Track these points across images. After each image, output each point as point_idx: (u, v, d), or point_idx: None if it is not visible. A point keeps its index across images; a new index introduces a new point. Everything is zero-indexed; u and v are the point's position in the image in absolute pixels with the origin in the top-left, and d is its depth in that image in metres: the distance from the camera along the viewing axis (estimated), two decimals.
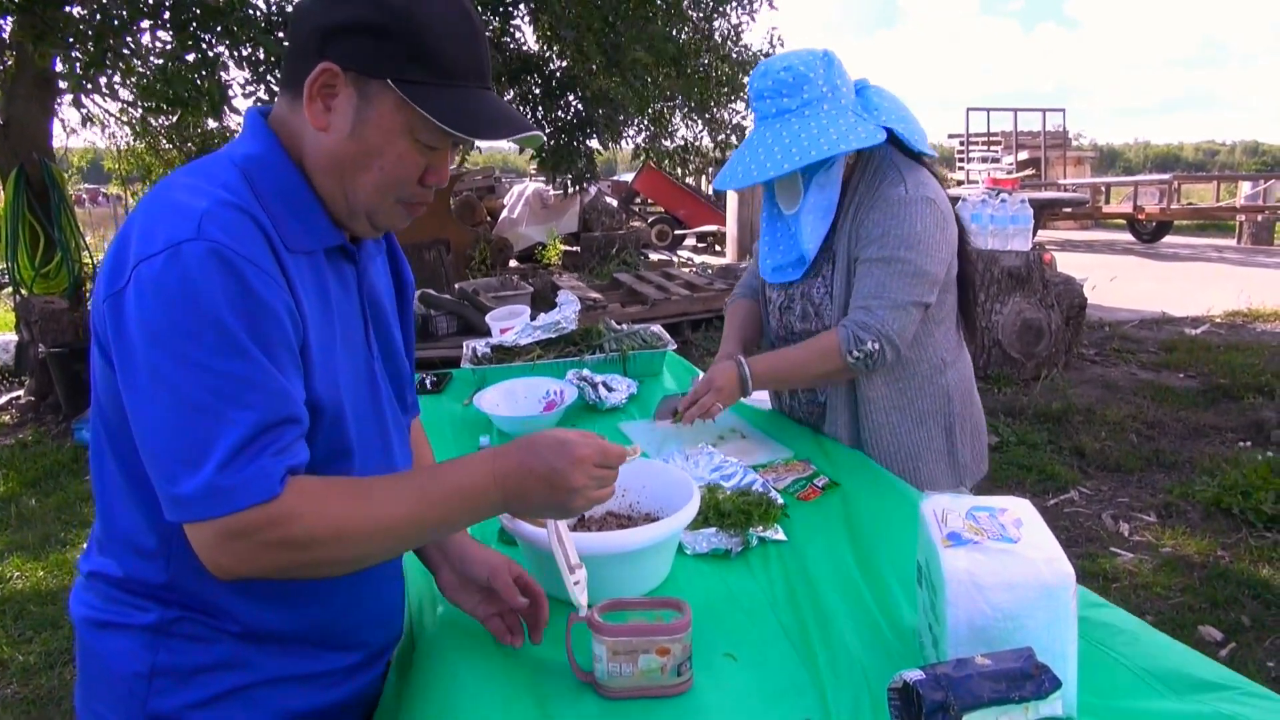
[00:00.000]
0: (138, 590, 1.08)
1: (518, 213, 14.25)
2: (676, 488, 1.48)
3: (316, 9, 1.04)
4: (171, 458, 0.93)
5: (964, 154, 18.80)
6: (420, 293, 7.54)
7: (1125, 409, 5.57)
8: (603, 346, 2.69)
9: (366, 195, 1.07)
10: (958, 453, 2.01)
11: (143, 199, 1.03)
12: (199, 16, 5.99)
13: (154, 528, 1.04)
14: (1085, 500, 4.35)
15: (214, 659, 1.08)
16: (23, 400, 6.73)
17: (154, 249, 0.94)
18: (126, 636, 1.08)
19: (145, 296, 0.93)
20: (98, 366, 1.03)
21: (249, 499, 0.92)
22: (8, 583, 3.89)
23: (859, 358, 1.86)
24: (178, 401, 0.92)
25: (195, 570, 1.00)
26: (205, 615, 1.08)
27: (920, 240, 1.84)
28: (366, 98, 1.03)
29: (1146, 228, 15.49)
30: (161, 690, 1.07)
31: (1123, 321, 8.33)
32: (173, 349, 0.92)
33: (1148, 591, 3.42)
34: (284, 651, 1.13)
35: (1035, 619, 1.07)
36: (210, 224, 0.95)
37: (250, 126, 1.09)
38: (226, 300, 0.93)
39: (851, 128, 1.82)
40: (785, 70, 1.83)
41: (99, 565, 1.11)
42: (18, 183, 6.73)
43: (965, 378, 2.05)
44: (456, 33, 1.03)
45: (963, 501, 1.21)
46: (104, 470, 1.08)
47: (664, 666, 1.12)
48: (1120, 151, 54.81)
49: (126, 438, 1.00)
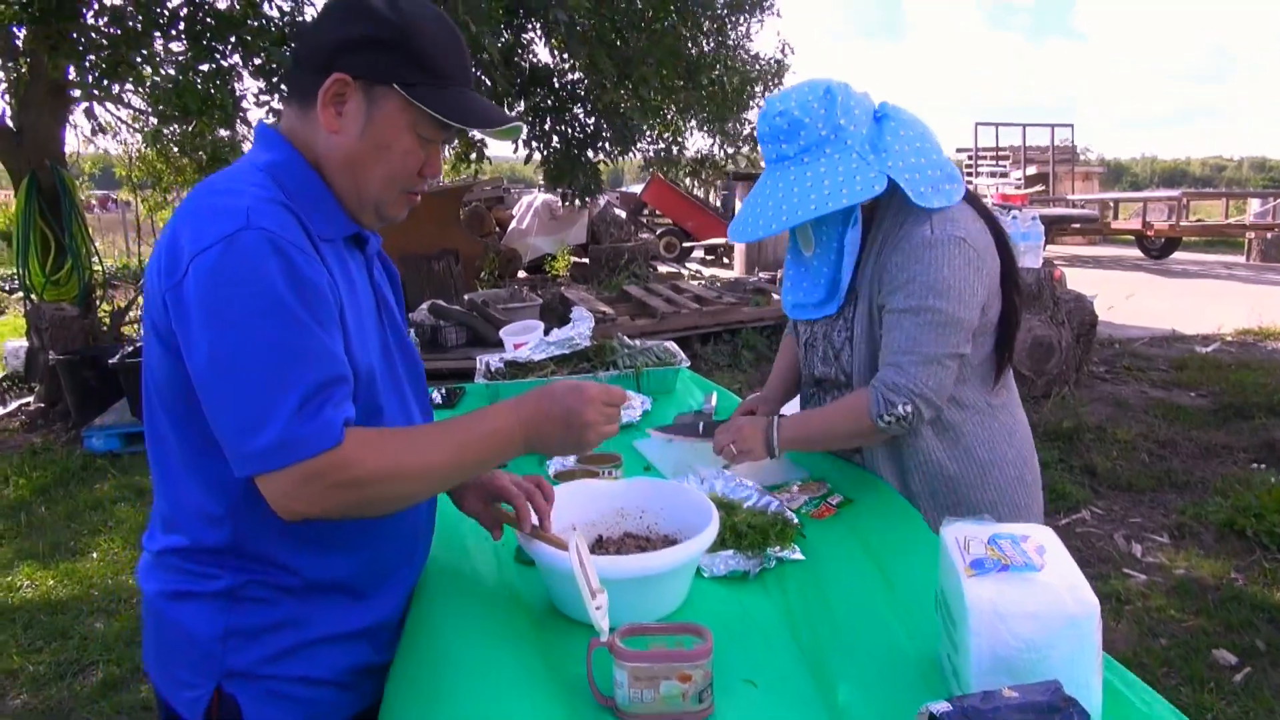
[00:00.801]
0: (207, 560, 1.22)
1: (526, 223, 14.28)
2: (695, 510, 1.48)
3: (324, 29, 1.22)
4: (245, 419, 1.07)
5: (972, 168, 18.81)
6: (430, 304, 7.56)
7: (1136, 427, 5.56)
8: (616, 363, 2.69)
9: (377, 187, 1.25)
10: (1021, 508, 1.85)
11: (181, 206, 1.18)
12: (213, 27, 6.03)
13: (219, 496, 1.19)
14: (1097, 520, 4.34)
15: (278, 618, 1.24)
16: (32, 407, 6.75)
17: (208, 241, 1.08)
18: (201, 603, 1.23)
19: (205, 282, 1.08)
20: (155, 356, 1.17)
21: (320, 446, 1.08)
22: (17, 591, 3.89)
23: (890, 422, 1.73)
24: (246, 370, 1.07)
25: (257, 530, 1.19)
26: (268, 571, 1.22)
27: (950, 286, 1.69)
28: (374, 101, 1.20)
29: (1155, 244, 15.47)
30: (235, 649, 1.23)
31: (1133, 339, 8.31)
32: (237, 326, 1.07)
33: (1160, 614, 3.40)
34: (335, 604, 1.28)
35: (1059, 650, 1.06)
36: (257, 215, 1.11)
37: (265, 138, 1.26)
38: (281, 278, 1.09)
39: (849, 178, 1.69)
40: (781, 116, 1.73)
41: (168, 542, 1.25)
42: (29, 189, 6.77)
43: (1019, 421, 1.91)
44: (446, 42, 1.23)
45: (985, 528, 1.20)
46: (165, 453, 1.22)
47: (685, 693, 1.11)
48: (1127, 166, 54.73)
49: (189, 416, 1.15)
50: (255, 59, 6.36)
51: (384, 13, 1.18)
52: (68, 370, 6.22)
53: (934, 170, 1.74)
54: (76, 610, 3.68)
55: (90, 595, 3.82)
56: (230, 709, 1.24)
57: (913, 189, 1.71)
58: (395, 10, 1.19)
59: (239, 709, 1.24)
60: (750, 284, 10.04)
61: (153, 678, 1.33)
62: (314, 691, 1.28)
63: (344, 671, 1.31)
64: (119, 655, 3.31)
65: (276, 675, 1.25)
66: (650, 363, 2.69)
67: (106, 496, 4.96)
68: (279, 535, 1.20)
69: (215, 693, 1.24)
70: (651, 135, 9.67)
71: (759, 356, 7.82)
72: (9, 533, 4.53)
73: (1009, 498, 1.85)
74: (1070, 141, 20.23)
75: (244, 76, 6.70)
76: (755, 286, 9.63)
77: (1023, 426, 1.93)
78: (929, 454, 1.83)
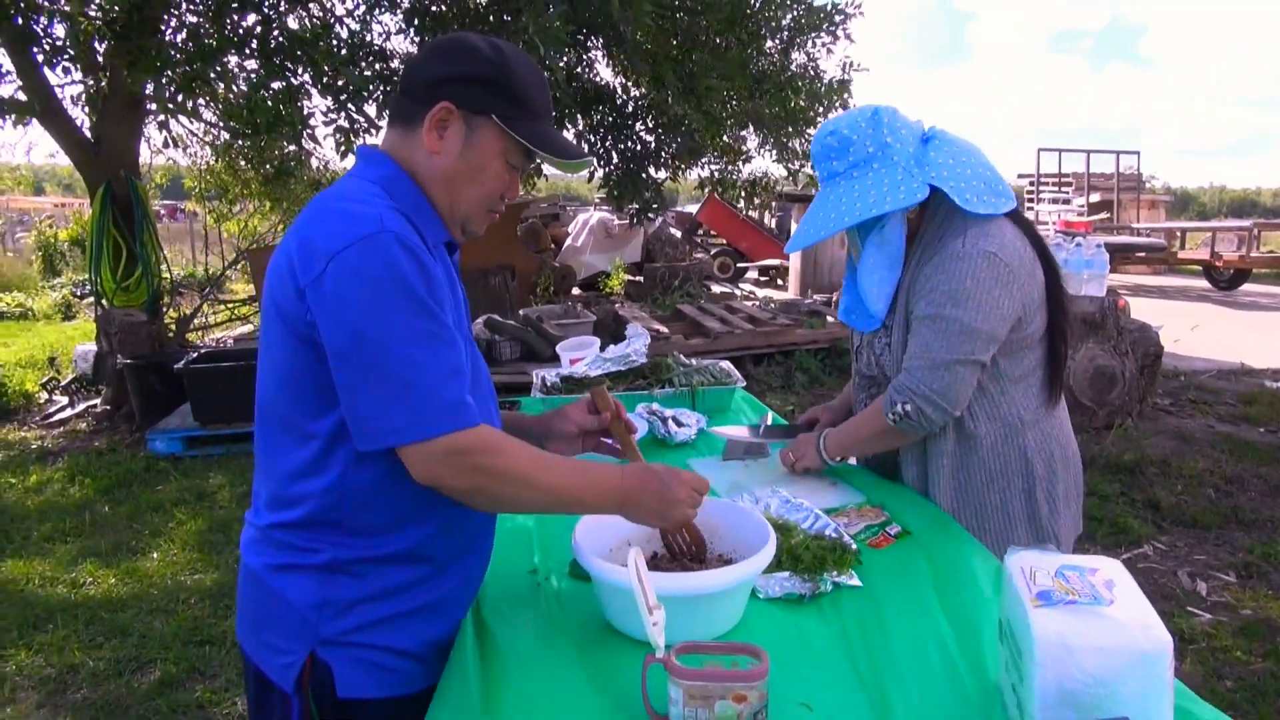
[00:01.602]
0: (311, 534, 1.34)
1: (582, 241, 14.38)
2: (752, 530, 1.47)
3: (432, 65, 1.38)
4: (393, 394, 1.21)
5: (1034, 194, 18.52)
6: (485, 317, 7.64)
7: (1202, 462, 5.39)
8: (672, 381, 2.69)
9: (468, 205, 1.41)
10: (1041, 518, 1.89)
11: (307, 214, 1.32)
12: (285, 47, 6.20)
13: (329, 473, 1.31)
14: (1160, 556, 4.21)
15: (369, 592, 1.35)
16: (99, 409, 6.94)
17: (348, 240, 1.22)
18: (303, 575, 1.34)
19: (349, 276, 1.21)
20: (284, 347, 1.29)
21: (469, 419, 1.25)
22: (80, 588, 4.00)
23: (895, 419, 1.85)
24: (392, 352, 1.21)
25: (359, 505, 1.32)
26: (364, 545, 1.34)
27: (969, 296, 1.77)
28: (474, 129, 1.37)
29: (1224, 275, 15.06)
30: (329, 618, 1.34)
31: (1199, 371, 8.09)
32: (380, 313, 1.21)
33: (1227, 655, 3.28)
34: (417, 574, 1.38)
35: (1128, 686, 1.03)
36: (389, 221, 1.25)
37: (370, 156, 1.41)
38: (414, 275, 1.23)
39: (894, 187, 1.79)
40: (832, 135, 1.86)
41: (276, 517, 1.36)
42: (104, 198, 7.00)
43: (1053, 439, 1.92)
44: (537, 83, 1.40)
45: (1052, 559, 1.17)
46: (278, 437, 1.35)
47: (740, 714, 1.10)
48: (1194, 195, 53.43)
49: (315, 399, 1.28)
50: (324, 77, 6.52)
51: (487, 54, 1.36)
52: (134, 374, 6.39)
53: (978, 182, 1.83)
54: (136, 608, 3.77)
55: (150, 594, 3.90)
56: (322, 674, 1.34)
57: (959, 195, 1.80)
58: (497, 53, 1.36)
59: (331, 674, 1.34)
60: (804, 306, 9.98)
61: (244, 645, 1.43)
62: (398, 661, 1.38)
63: (424, 644, 1.41)
64: (176, 654, 3.37)
65: (365, 644, 1.35)
66: (706, 381, 2.69)
67: (167, 498, 5.08)
68: (376, 509, 1.33)
69: (309, 659, 1.34)
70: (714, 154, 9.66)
71: (812, 379, 7.76)
72: (74, 531, 4.66)
73: (1013, 512, 1.90)
74: (1135, 169, 19.85)
75: (312, 94, 6.87)
76: (810, 308, 9.57)
77: (1062, 448, 1.94)
78: (944, 457, 1.90)
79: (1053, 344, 1.90)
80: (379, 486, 1.32)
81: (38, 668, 3.34)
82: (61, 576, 4.10)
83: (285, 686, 1.36)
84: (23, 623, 3.65)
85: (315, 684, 1.35)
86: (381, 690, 1.37)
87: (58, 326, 11.95)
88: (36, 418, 6.98)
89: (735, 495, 1.90)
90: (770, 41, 8.41)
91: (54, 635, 3.54)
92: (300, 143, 6.79)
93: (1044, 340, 1.90)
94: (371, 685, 1.37)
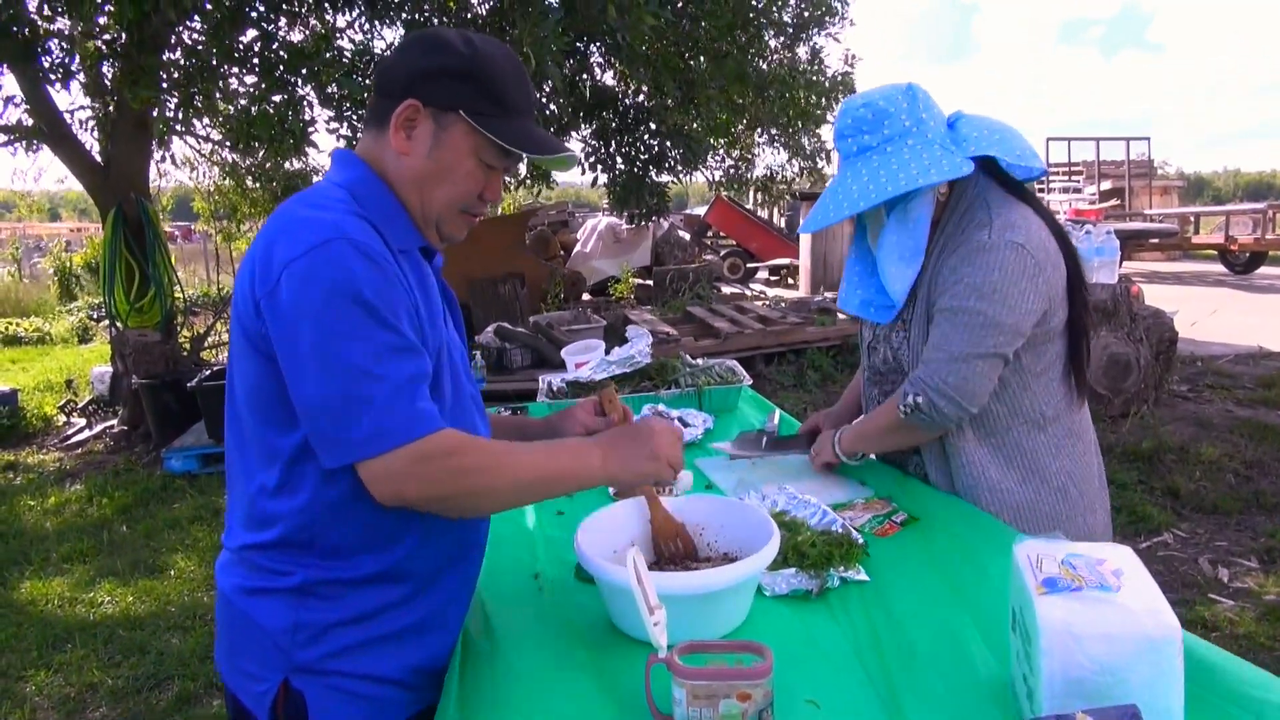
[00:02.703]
0: (283, 555, 1.28)
1: (590, 246, 14.40)
2: (756, 527, 1.45)
3: (402, 60, 1.32)
4: (348, 409, 1.16)
5: (1044, 185, 18.41)
6: (495, 326, 7.65)
7: (1221, 448, 5.33)
8: (678, 381, 2.68)
9: (439, 206, 1.34)
10: (1078, 519, 1.83)
11: (270, 222, 1.26)
12: (286, 60, 6.23)
13: (300, 492, 1.25)
14: (1180, 543, 4.17)
15: (344, 615, 1.29)
16: (116, 429, 6.99)
17: (300, 250, 1.17)
18: (274, 598, 1.29)
19: (300, 286, 1.16)
20: (246, 361, 1.25)
21: (427, 427, 1.18)
22: (98, 607, 4.02)
23: (907, 411, 1.78)
24: (344, 364, 1.15)
25: (330, 523, 1.26)
26: (337, 566, 1.28)
27: (996, 289, 1.69)
28: (443, 127, 1.31)
29: (1239, 259, 14.93)
30: (303, 643, 1.28)
31: (1216, 356, 8.01)
32: (331, 324, 1.15)
33: (1250, 641, 3.24)
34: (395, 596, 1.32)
35: (1137, 674, 1.01)
36: (344, 226, 1.20)
37: (343, 159, 1.36)
38: (368, 283, 1.17)
39: (936, 161, 1.70)
40: (865, 107, 1.75)
41: (248, 538, 1.30)
42: (116, 221, 7.04)
43: (1075, 434, 1.86)
44: (514, 77, 1.33)
45: (1059, 547, 1.16)
46: (247, 456, 1.29)
47: (744, 713, 1.09)
48: (1209, 180, 52.99)
49: (283, 417, 1.23)
50: (326, 89, 6.55)
51: (458, 47, 1.29)
52: (149, 394, 6.43)
53: (1018, 142, 1.78)
54: (154, 626, 3.78)
55: (167, 612, 3.92)
56: (296, 703, 1.28)
57: (1007, 153, 1.75)
58: (469, 45, 1.29)
59: (304, 703, 1.28)
60: (815, 304, 9.95)
61: (223, 672, 1.38)
62: (377, 689, 1.32)
63: (406, 670, 1.35)
64: (194, 670, 3.38)
65: (342, 671, 1.29)
66: (712, 381, 2.68)
67: (184, 516, 5.11)
68: (349, 528, 1.28)
69: (282, 687, 1.28)
70: (719, 155, 9.67)
71: (824, 377, 7.73)
72: (92, 551, 4.69)
73: (1046, 510, 1.82)
74: (1147, 155, 19.70)
75: (314, 105, 6.91)
76: (820, 306, 9.54)
77: (1082, 442, 1.89)
78: (969, 455, 1.83)
79: (1074, 337, 1.83)
80: (351, 503, 1.26)
81: (57, 687, 3.35)
82: (80, 596, 4.13)
83: (261, 715, 1.30)
84: (42, 643, 3.68)
85: (289, 713, 1.28)
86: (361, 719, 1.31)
87: (75, 350, 12.05)
88: (55, 440, 7.03)
89: (742, 493, 1.89)
90: (773, 41, 8.40)
91: (73, 654, 3.56)
92: (303, 154, 6.82)
93: (1065, 334, 1.82)
94: (349, 714, 1.30)
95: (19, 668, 3.51)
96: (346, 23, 7.55)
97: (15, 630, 3.81)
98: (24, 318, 14.55)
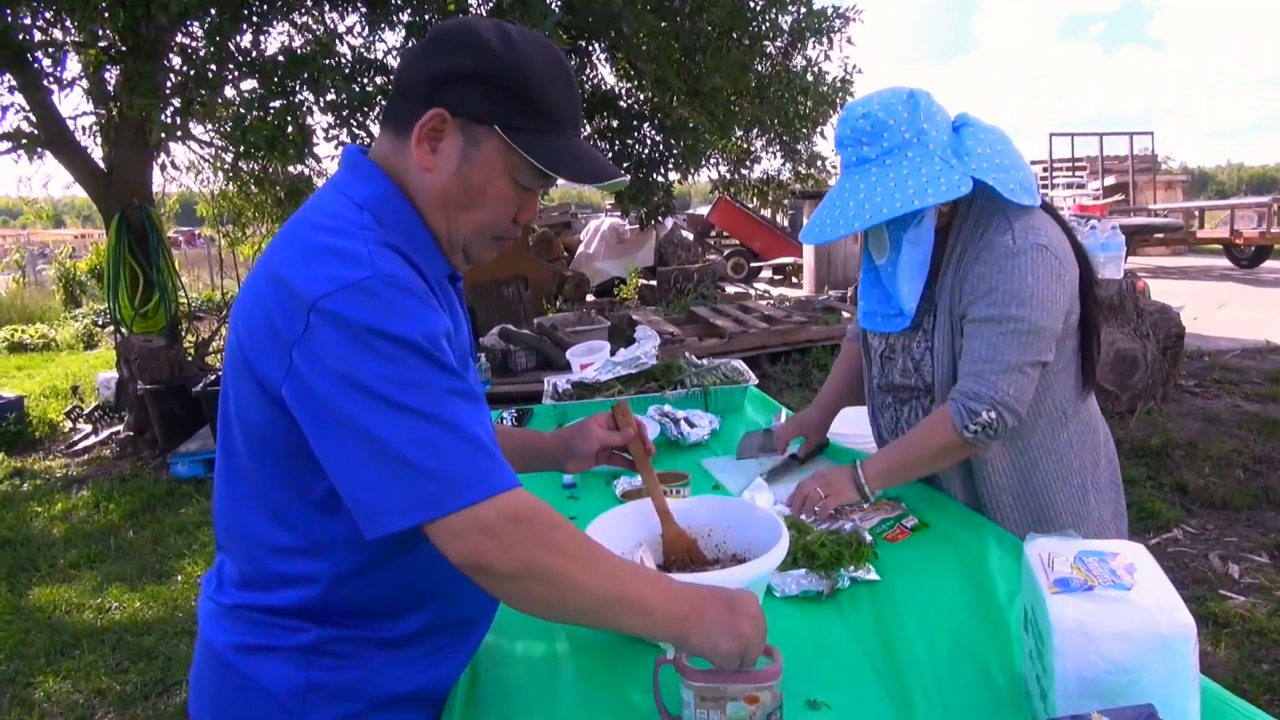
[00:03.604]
0: (292, 614, 1.14)
1: (594, 248, 14.40)
2: (764, 528, 1.44)
3: (428, 56, 1.12)
4: (421, 464, 0.98)
5: (1047, 181, 18.37)
6: (500, 328, 7.65)
7: (1230, 443, 5.31)
8: (683, 382, 2.67)
9: (468, 231, 1.16)
10: (1092, 513, 1.83)
11: (282, 248, 1.09)
12: (284, 65, 6.23)
13: (322, 555, 1.12)
14: (1190, 539, 4.15)
15: (359, 676, 1.16)
16: (122, 435, 6.99)
17: (328, 287, 1.00)
18: (281, 658, 1.14)
19: (338, 333, 0.99)
20: (250, 404, 1.09)
21: (510, 481, 1.03)
22: (106, 613, 4.02)
23: (976, 431, 1.68)
24: (407, 415, 0.99)
25: (352, 587, 1.12)
26: (355, 627, 1.15)
27: (1033, 294, 1.67)
28: (474, 142, 1.12)
29: (1245, 253, 14.88)
30: (315, 705, 1.14)
31: (1223, 351, 7.98)
32: (385, 372, 0.99)
33: (1262, 638, 3.22)
34: (411, 660, 1.20)
35: (1152, 672, 1.00)
36: (379, 261, 1.03)
37: (357, 165, 1.17)
38: (416, 323, 1.02)
39: (934, 178, 1.66)
40: (864, 118, 1.71)
41: (248, 598, 1.16)
42: (119, 227, 7.05)
43: (1091, 427, 1.86)
44: (558, 83, 1.13)
45: (1071, 545, 1.15)
46: (248, 505, 1.14)
47: (753, 715, 1.08)
48: (1212, 174, 52.80)
49: (296, 470, 1.08)
50: (326, 95, 6.55)
51: (494, 46, 1.09)
52: (155, 399, 6.44)
53: (1017, 173, 1.72)
54: (162, 631, 3.78)
55: (175, 617, 3.92)
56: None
57: (1002, 186, 1.69)
58: (506, 43, 1.10)
59: None
60: (819, 303, 9.94)
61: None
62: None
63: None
64: None
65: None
66: (717, 381, 2.67)
67: (191, 521, 5.11)
68: (376, 592, 1.15)
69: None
70: (721, 155, 9.66)
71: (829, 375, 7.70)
72: (99, 556, 4.69)
73: (1072, 507, 1.82)
74: (1150, 150, 19.64)
75: (314, 112, 6.90)
76: (825, 305, 9.53)
77: (1095, 435, 1.88)
78: (994, 463, 1.81)
79: (1085, 333, 1.82)
80: (380, 567, 1.13)
81: (66, 693, 3.35)
82: (88, 602, 4.13)
83: None
84: (50, 649, 3.68)
85: None
86: None
87: (80, 356, 12.07)
88: (61, 446, 7.04)
89: (749, 495, 1.88)
90: (771, 46, 8.39)
91: (81, 660, 3.56)
92: (304, 160, 6.82)
93: (1078, 330, 1.82)
94: None
95: (27, 674, 3.51)
96: (345, 28, 7.56)
97: (23, 636, 3.82)
98: (29, 324, 14.58)
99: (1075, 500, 1.82)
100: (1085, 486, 1.83)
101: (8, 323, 14.71)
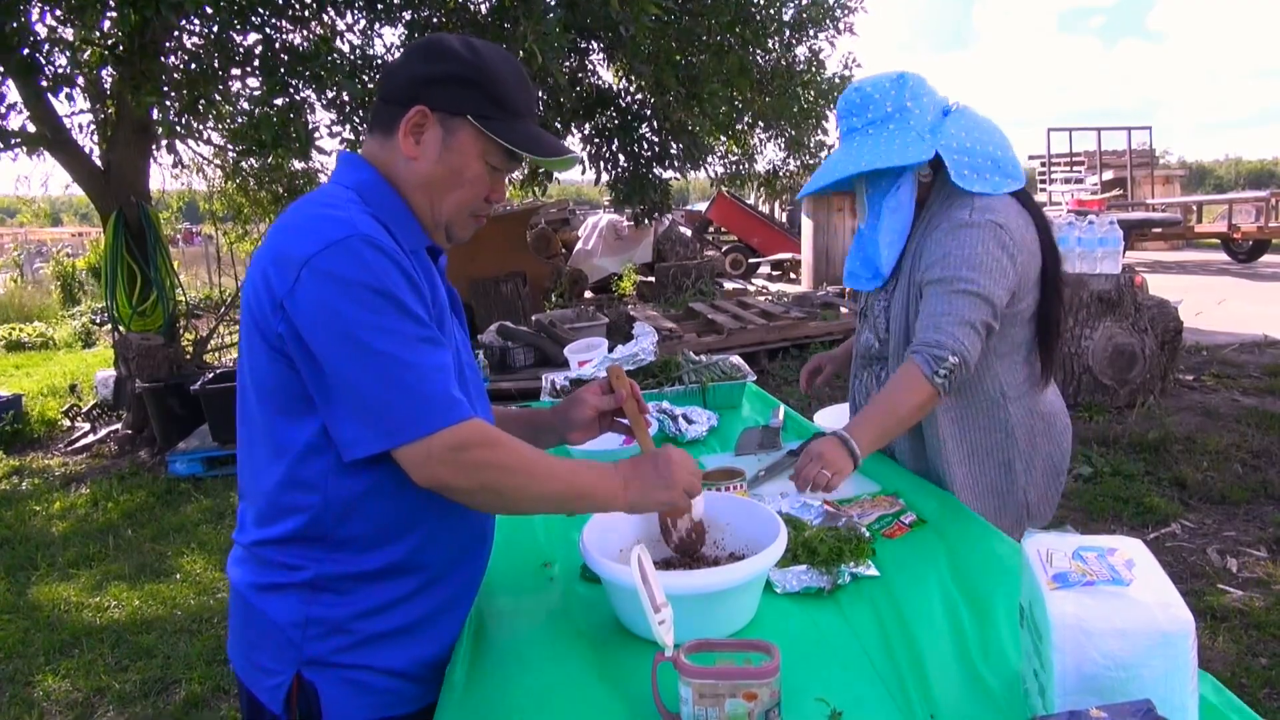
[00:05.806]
0: (295, 550, 1.30)
1: (592, 244, 14.37)
2: (763, 525, 1.44)
3: (408, 66, 1.35)
4: (387, 396, 1.18)
5: (1045, 175, 18.36)
6: (498, 325, 7.64)
7: (1228, 437, 5.31)
8: (682, 378, 2.67)
9: (449, 209, 1.37)
10: (1018, 492, 1.96)
11: (280, 224, 1.29)
12: (287, 63, 6.21)
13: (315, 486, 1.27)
14: (1188, 534, 4.15)
15: (355, 609, 1.31)
16: (120, 433, 6.99)
17: (317, 246, 1.19)
18: (286, 594, 1.31)
19: (324, 282, 1.18)
20: (263, 362, 1.25)
21: (464, 412, 1.22)
22: (105, 611, 4.02)
23: (946, 375, 1.78)
24: (378, 354, 1.18)
25: (343, 517, 1.28)
26: (349, 560, 1.30)
27: (980, 262, 1.81)
28: (451, 132, 1.34)
29: (1243, 247, 14.88)
30: (314, 638, 1.30)
31: (1221, 345, 7.98)
32: (361, 318, 1.18)
33: (1261, 632, 3.23)
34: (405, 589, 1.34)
35: (1150, 668, 1.00)
36: (359, 224, 1.23)
37: (349, 162, 1.39)
38: (389, 277, 1.21)
39: (903, 147, 1.86)
40: (856, 92, 1.95)
41: (261, 534, 1.32)
42: (117, 225, 7.04)
43: (1035, 414, 1.98)
44: (516, 81, 1.36)
45: (1069, 540, 1.15)
46: (260, 453, 1.31)
47: (751, 712, 1.08)
48: (1210, 168, 52.79)
49: (295, 411, 1.25)
50: (328, 92, 6.54)
51: (462, 54, 1.33)
52: (153, 398, 6.43)
53: (984, 160, 1.89)
54: (161, 630, 3.78)
55: (174, 615, 3.92)
56: (309, 696, 1.31)
57: (955, 168, 1.87)
58: (472, 52, 1.33)
59: (317, 696, 1.31)
60: (818, 298, 9.93)
61: (236, 666, 1.40)
62: (389, 681, 1.34)
63: (417, 663, 1.37)
64: (201, 674, 3.38)
65: (353, 664, 1.32)
66: (716, 378, 2.67)
67: (189, 519, 5.11)
68: (361, 521, 1.29)
69: (295, 680, 1.30)
70: (721, 151, 9.64)
71: None
72: (99, 555, 4.68)
73: (993, 483, 1.97)
74: (1148, 145, 19.63)
75: (316, 109, 6.89)
76: (823, 301, 9.52)
77: (1046, 423, 2.01)
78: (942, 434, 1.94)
79: (1043, 325, 1.94)
80: (363, 497, 1.29)
81: (65, 692, 3.35)
82: (87, 600, 4.13)
83: (275, 708, 1.32)
84: (50, 647, 3.68)
85: (302, 706, 1.31)
86: (373, 712, 1.34)
87: (78, 354, 12.05)
88: (60, 445, 7.04)
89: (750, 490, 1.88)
90: (772, 40, 8.37)
91: (81, 659, 3.56)
92: (308, 158, 6.81)
93: (1033, 320, 1.95)
94: (361, 707, 1.33)
95: (27, 672, 3.51)
96: (346, 25, 7.54)
97: (23, 635, 3.82)
98: (27, 322, 14.56)
99: (999, 475, 1.96)
100: (1011, 465, 1.95)
101: (5, 321, 14.69)
